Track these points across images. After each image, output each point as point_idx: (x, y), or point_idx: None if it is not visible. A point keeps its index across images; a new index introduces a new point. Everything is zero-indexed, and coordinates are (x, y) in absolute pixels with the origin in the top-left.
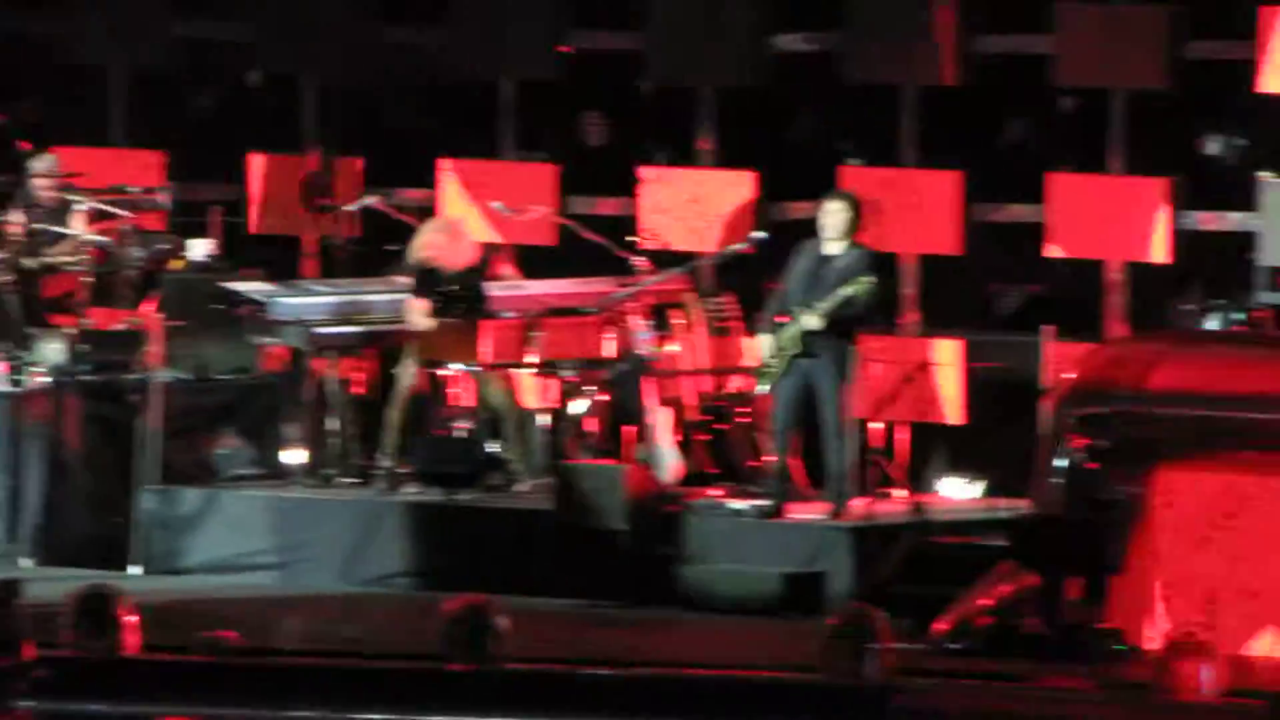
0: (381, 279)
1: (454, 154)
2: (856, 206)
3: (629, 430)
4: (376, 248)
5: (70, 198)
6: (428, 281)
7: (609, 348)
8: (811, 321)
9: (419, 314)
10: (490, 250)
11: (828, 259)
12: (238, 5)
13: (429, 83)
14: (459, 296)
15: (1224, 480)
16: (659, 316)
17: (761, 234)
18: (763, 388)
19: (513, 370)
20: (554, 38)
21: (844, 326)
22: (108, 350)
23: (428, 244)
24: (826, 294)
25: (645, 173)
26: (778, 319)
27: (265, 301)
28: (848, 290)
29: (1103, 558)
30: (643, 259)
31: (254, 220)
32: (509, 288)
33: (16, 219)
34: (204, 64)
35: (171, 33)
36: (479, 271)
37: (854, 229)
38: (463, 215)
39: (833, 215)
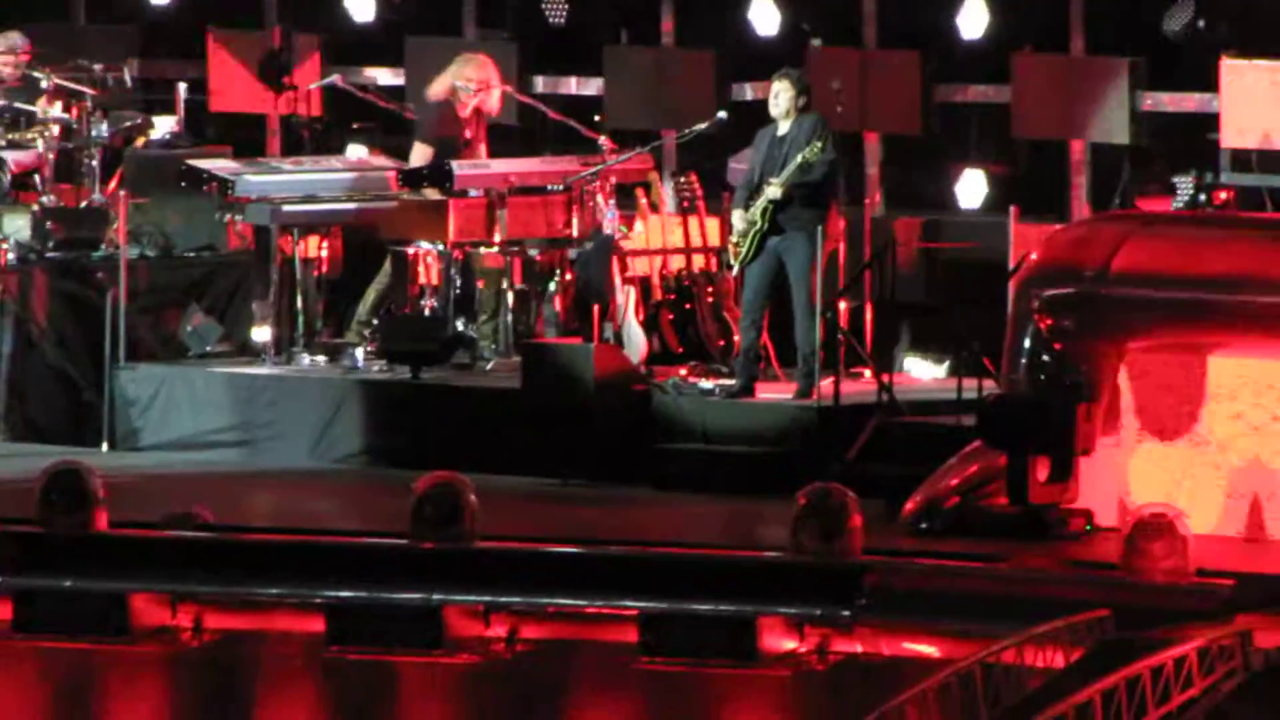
0: (346, 158)
1: (416, 33)
2: (800, 84)
3: (596, 309)
4: (340, 126)
5: (33, 75)
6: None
7: (574, 227)
8: (773, 192)
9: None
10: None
11: (782, 137)
12: None
13: None
14: (427, 175)
15: (1189, 360)
16: (624, 195)
17: (724, 114)
18: (734, 268)
19: (479, 249)
20: None
21: (809, 198)
22: (74, 228)
23: (463, 76)
24: (784, 165)
25: (608, 52)
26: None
27: (231, 179)
28: (800, 157)
29: (1069, 438)
30: (607, 138)
31: (214, 98)
32: (474, 166)
33: None
34: None
35: None
36: (456, 140)
37: (803, 106)
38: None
39: (778, 95)
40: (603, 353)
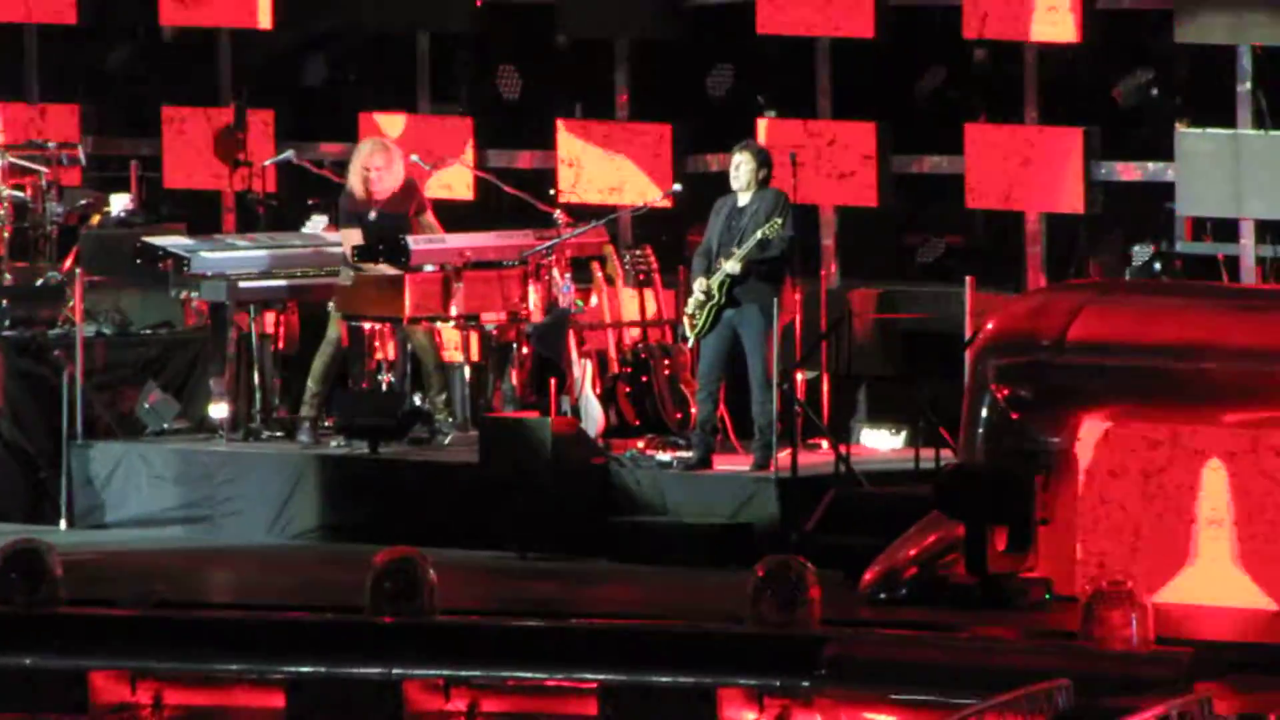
0: (302, 233)
1: (370, 108)
2: (760, 157)
3: (553, 382)
4: (295, 202)
5: None
6: (360, 217)
7: (531, 301)
8: (731, 267)
9: (349, 247)
10: (414, 188)
11: (742, 209)
12: None
13: (344, 35)
14: (382, 250)
15: (1144, 429)
16: (580, 269)
17: (678, 186)
18: (689, 340)
19: (435, 323)
20: None
21: (766, 273)
22: (30, 306)
23: (367, 165)
24: (742, 239)
25: (562, 126)
26: (703, 275)
27: (187, 256)
28: (760, 234)
29: (1027, 507)
30: (562, 212)
31: (168, 175)
32: (430, 241)
33: None
34: (115, 17)
35: None
36: (405, 217)
37: (763, 179)
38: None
39: (739, 168)
40: (560, 426)
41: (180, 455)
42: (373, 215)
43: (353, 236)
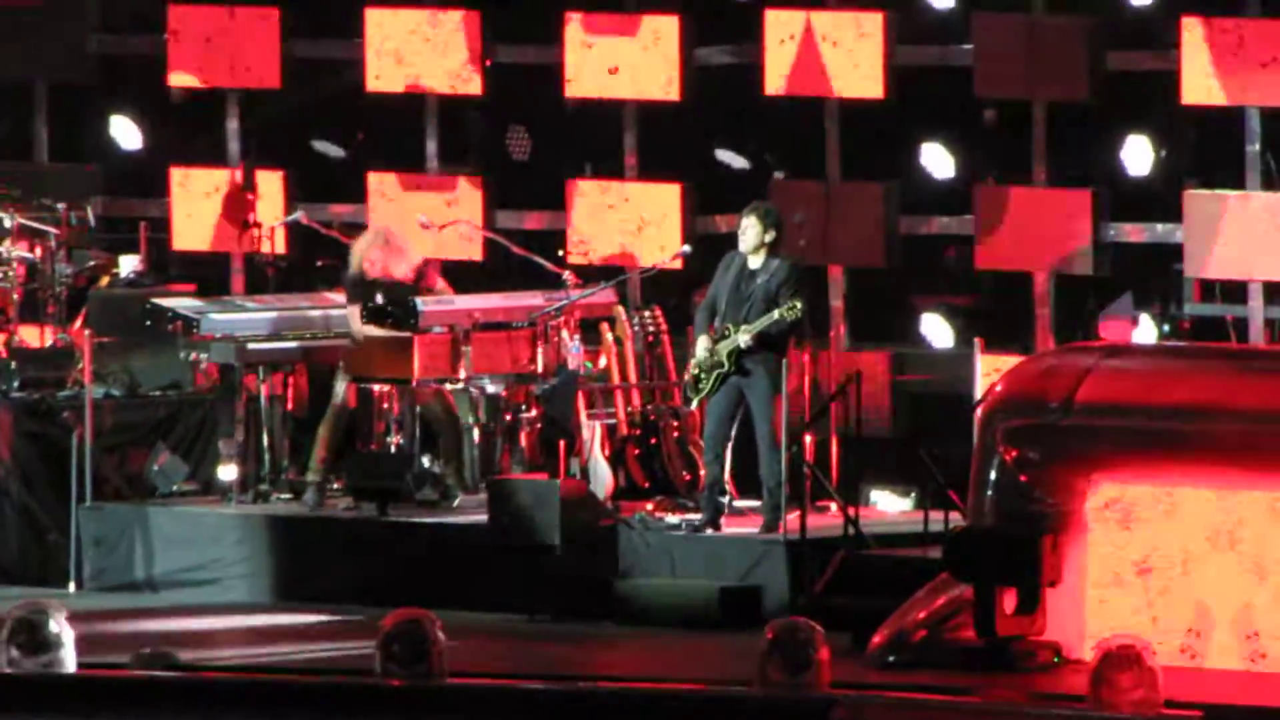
0: (311, 294)
1: (378, 169)
2: (769, 219)
3: (562, 444)
4: (304, 263)
5: None
6: (365, 292)
7: (539, 362)
8: (743, 340)
9: (358, 322)
10: (425, 263)
11: (752, 273)
12: (156, 19)
13: (351, 96)
14: (391, 311)
15: (1154, 491)
16: (589, 330)
17: (687, 248)
18: (693, 402)
19: (444, 385)
20: (479, 53)
21: (773, 341)
22: (39, 368)
23: (365, 257)
24: (753, 308)
25: (572, 187)
26: (710, 331)
27: (196, 317)
28: (777, 314)
29: (1036, 570)
30: (571, 273)
31: (177, 237)
32: (439, 302)
33: None
34: (123, 78)
35: (88, 48)
36: (413, 286)
37: (771, 241)
38: (397, 227)
39: (746, 231)
40: (569, 488)
41: (189, 517)
42: (379, 298)
43: (357, 311)
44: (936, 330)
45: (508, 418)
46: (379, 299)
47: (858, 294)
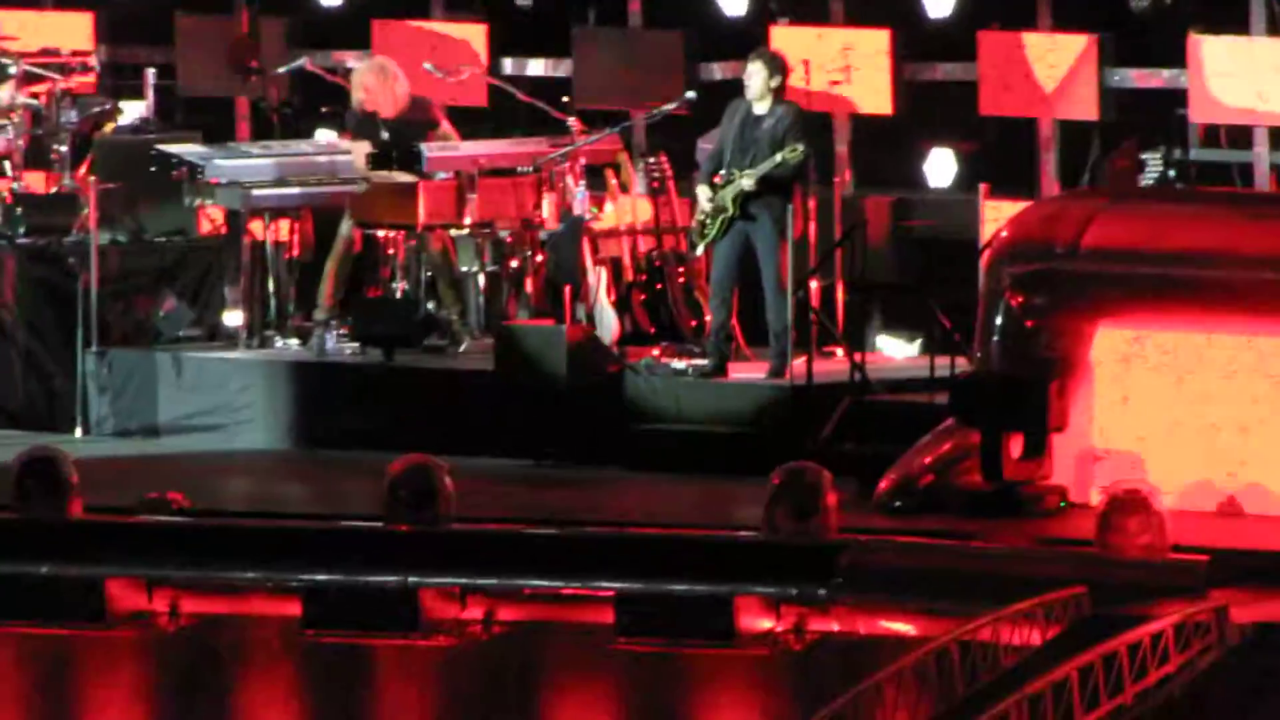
0: (315, 140)
1: (384, 16)
2: (774, 65)
3: (567, 290)
4: (309, 110)
5: (2, 60)
6: (370, 130)
7: (545, 208)
8: (746, 184)
9: (362, 159)
10: (426, 106)
11: (757, 118)
12: None
13: None
14: (395, 156)
15: (1160, 336)
16: (594, 177)
17: (692, 94)
18: (699, 247)
19: (449, 231)
20: None
21: (778, 186)
22: (44, 214)
23: (360, 84)
24: (758, 153)
25: (576, 33)
26: (714, 179)
27: (201, 164)
28: (779, 157)
29: (1042, 414)
30: (576, 119)
31: (182, 83)
32: (443, 148)
33: None
34: None
35: None
36: (420, 125)
37: (776, 87)
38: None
39: (752, 77)
40: (575, 334)
41: (195, 363)
42: (385, 135)
43: (363, 147)
44: (941, 169)
45: (514, 263)
46: (384, 136)
47: (861, 140)
